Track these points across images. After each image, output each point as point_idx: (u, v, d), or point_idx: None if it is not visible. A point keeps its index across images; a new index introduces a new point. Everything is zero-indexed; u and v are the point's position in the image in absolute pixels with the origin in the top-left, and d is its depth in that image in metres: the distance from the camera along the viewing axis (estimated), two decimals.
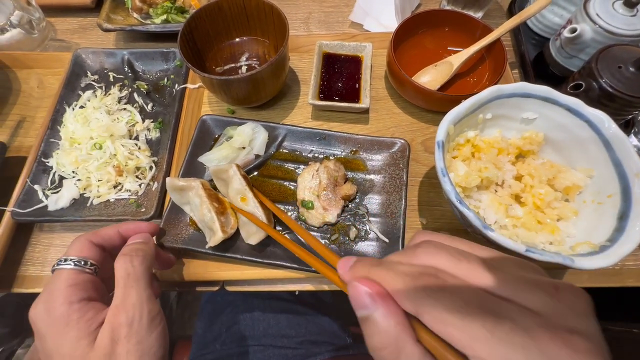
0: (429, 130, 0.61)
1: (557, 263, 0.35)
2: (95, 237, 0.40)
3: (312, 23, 0.77)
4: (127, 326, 0.33)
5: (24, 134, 0.62)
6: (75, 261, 0.36)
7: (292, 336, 0.70)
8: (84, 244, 0.38)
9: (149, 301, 0.35)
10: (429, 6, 0.78)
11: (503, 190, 0.47)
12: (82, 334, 0.33)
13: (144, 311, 0.34)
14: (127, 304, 0.34)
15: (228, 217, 0.49)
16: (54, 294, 0.34)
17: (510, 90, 0.45)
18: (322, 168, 0.52)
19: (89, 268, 0.37)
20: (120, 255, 0.38)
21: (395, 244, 0.47)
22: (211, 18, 0.58)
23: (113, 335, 0.33)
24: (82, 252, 0.37)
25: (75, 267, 0.36)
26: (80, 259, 0.37)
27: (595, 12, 0.54)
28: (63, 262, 0.36)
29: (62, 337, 0.32)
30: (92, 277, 0.37)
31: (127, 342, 0.32)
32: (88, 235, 0.39)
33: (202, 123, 0.57)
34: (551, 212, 0.43)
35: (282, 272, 0.49)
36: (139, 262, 0.37)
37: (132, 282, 0.35)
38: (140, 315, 0.34)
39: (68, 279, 0.35)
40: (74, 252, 0.37)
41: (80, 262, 0.37)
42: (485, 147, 0.48)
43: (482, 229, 0.36)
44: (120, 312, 0.33)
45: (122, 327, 0.33)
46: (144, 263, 0.37)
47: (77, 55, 0.65)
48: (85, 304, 0.34)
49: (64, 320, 0.33)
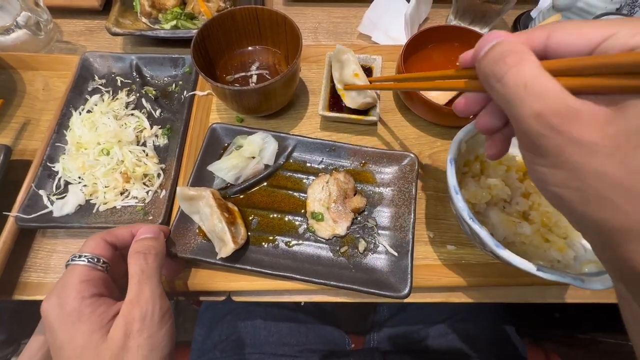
0: (435, 144, 0.62)
1: (567, 282, 0.35)
2: (110, 236, 0.41)
3: (321, 33, 0.78)
4: (140, 321, 0.34)
5: (28, 137, 0.61)
6: (89, 258, 0.38)
7: (292, 344, 0.70)
8: (98, 242, 0.40)
9: (160, 297, 0.37)
10: (436, 20, 0.80)
11: (511, 207, 0.48)
12: (94, 327, 0.34)
13: (156, 307, 0.36)
14: (141, 299, 0.36)
15: (238, 227, 0.49)
16: (67, 289, 0.35)
17: None
18: (332, 180, 0.52)
19: (102, 265, 0.38)
20: (134, 252, 0.39)
21: (404, 257, 0.48)
22: (224, 27, 0.58)
23: (126, 329, 0.34)
24: (95, 250, 0.39)
25: (88, 263, 0.38)
26: (94, 256, 0.38)
27: None
28: (77, 259, 0.38)
29: (74, 330, 0.34)
30: (104, 275, 0.39)
31: (139, 336, 0.34)
32: (102, 234, 0.41)
33: (211, 131, 0.57)
34: (558, 231, 0.44)
35: (290, 284, 0.49)
36: (152, 259, 0.39)
37: (145, 278, 0.37)
38: (153, 311, 0.35)
39: (81, 274, 0.36)
40: (88, 250, 0.39)
41: (93, 259, 0.38)
42: (494, 164, 0.49)
43: (495, 248, 0.37)
44: (135, 307, 0.35)
45: (135, 321, 0.34)
46: (156, 260, 0.39)
47: (84, 58, 0.64)
48: (97, 299, 0.36)
49: (76, 314, 0.34)
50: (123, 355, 0.33)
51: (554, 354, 0.77)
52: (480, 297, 0.52)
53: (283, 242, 0.51)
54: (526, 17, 0.77)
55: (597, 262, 0.39)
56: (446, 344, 0.68)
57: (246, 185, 0.54)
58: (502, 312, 0.73)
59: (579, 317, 0.96)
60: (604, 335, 0.83)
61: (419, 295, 0.51)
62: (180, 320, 1.33)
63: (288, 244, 0.51)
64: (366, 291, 0.45)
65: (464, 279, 0.50)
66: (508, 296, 0.52)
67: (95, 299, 0.36)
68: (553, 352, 0.78)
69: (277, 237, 0.51)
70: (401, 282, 0.46)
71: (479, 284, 0.50)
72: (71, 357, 0.33)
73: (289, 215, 0.53)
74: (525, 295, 0.52)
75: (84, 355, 0.33)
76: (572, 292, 0.52)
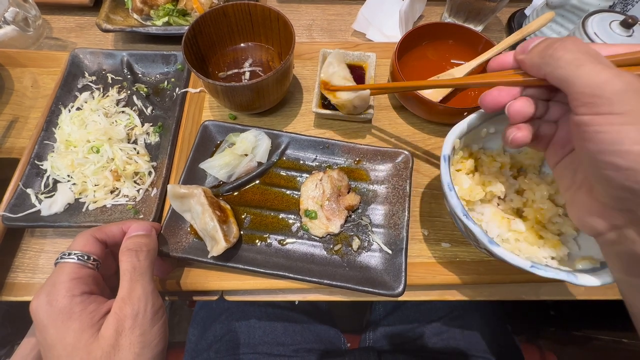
0: (430, 141, 0.61)
1: (560, 279, 0.35)
2: (100, 233, 0.40)
3: (315, 30, 0.77)
4: (132, 318, 0.34)
5: (16, 135, 0.60)
6: (79, 255, 0.37)
7: (287, 344, 0.69)
8: (88, 239, 0.39)
9: (153, 294, 0.37)
10: (430, 17, 0.79)
11: (505, 204, 0.48)
12: (84, 325, 0.33)
13: (149, 304, 0.36)
14: (133, 296, 0.35)
15: (230, 225, 0.48)
16: (57, 287, 0.35)
17: None
18: (325, 177, 0.52)
19: (92, 263, 0.38)
20: (126, 250, 0.39)
21: (398, 255, 0.47)
22: (216, 23, 0.58)
23: (118, 327, 0.34)
24: (85, 247, 0.38)
25: (78, 261, 0.37)
26: (84, 254, 0.37)
27: (593, 31, 0.55)
28: (67, 256, 0.37)
29: (65, 328, 0.33)
30: (94, 272, 0.38)
31: (131, 334, 0.34)
32: (92, 231, 0.40)
33: (204, 129, 0.56)
34: (552, 227, 0.44)
35: (283, 283, 0.49)
36: (144, 256, 0.39)
37: (137, 275, 0.37)
38: (145, 308, 0.35)
39: (71, 272, 0.36)
40: (78, 247, 0.38)
41: (83, 256, 0.37)
42: (488, 160, 0.48)
43: (488, 245, 0.37)
44: (127, 305, 0.35)
45: (127, 318, 0.34)
46: (148, 257, 0.39)
47: (74, 55, 0.63)
48: (87, 297, 0.35)
49: (66, 312, 0.33)
50: (115, 353, 0.33)
51: (549, 351, 0.77)
52: (474, 295, 0.52)
53: (276, 241, 0.50)
54: (520, 15, 0.77)
55: (591, 258, 0.39)
56: (442, 342, 0.68)
57: (239, 183, 0.54)
58: (497, 310, 0.73)
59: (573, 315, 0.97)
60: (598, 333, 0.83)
61: (414, 293, 0.51)
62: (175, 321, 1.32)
63: (281, 242, 0.50)
64: (360, 289, 0.45)
65: (459, 276, 0.50)
66: (502, 293, 0.52)
67: (85, 297, 0.35)
68: (548, 349, 0.78)
69: (270, 236, 0.50)
70: (395, 280, 0.45)
71: (473, 281, 0.50)
72: (62, 356, 0.33)
73: (282, 214, 0.52)
74: (519, 292, 0.52)
75: (74, 353, 0.32)
76: (566, 289, 0.52)
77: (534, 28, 0.58)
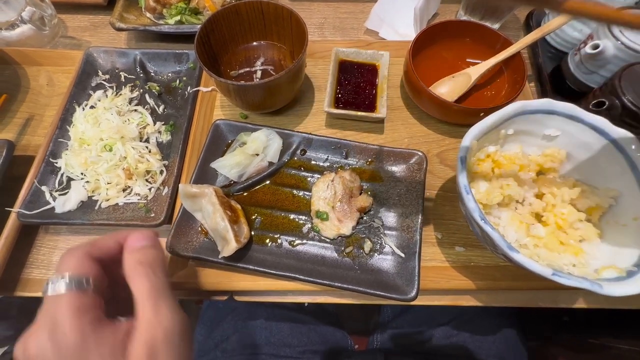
0: (444, 142, 0.60)
1: (584, 288, 0.34)
2: (94, 249, 0.35)
3: (327, 29, 0.76)
4: (164, 342, 0.31)
5: (31, 133, 0.61)
6: (75, 282, 0.31)
7: (294, 345, 0.69)
8: (82, 260, 0.33)
9: (179, 311, 0.33)
10: (445, 15, 0.78)
11: (523, 207, 0.46)
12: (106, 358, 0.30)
13: (177, 322, 0.32)
14: (161, 318, 0.32)
15: (241, 225, 0.48)
16: (60, 323, 0.30)
17: (535, 107, 0.44)
18: (337, 178, 0.51)
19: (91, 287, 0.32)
20: (137, 264, 0.34)
21: (411, 259, 0.46)
22: (228, 21, 0.57)
23: (150, 352, 0.30)
24: (81, 269, 0.32)
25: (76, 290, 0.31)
26: (81, 279, 0.32)
27: (618, 29, 0.53)
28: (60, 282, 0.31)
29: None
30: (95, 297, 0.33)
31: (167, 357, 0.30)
32: (85, 248, 0.34)
33: (215, 128, 0.56)
34: (574, 233, 0.42)
35: (293, 284, 0.48)
36: (159, 270, 0.34)
37: (159, 294, 0.33)
38: (173, 327, 0.32)
39: (71, 304, 0.30)
40: (72, 269, 0.32)
41: (82, 282, 0.32)
42: (506, 163, 0.47)
43: (507, 251, 0.35)
44: (156, 327, 0.31)
45: (159, 342, 0.30)
46: (164, 271, 0.35)
47: (88, 53, 0.63)
48: (96, 327, 0.31)
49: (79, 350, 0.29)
50: None
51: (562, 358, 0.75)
52: (489, 301, 0.50)
53: (287, 242, 0.50)
54: (539, 12, 0.74)
55: (615, 267, 0.38)
56: (450, 346, 0.67)
57: (250, 183, 0.53)
58: (508, 315, 0.71)
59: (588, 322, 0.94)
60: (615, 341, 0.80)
61: (426, 298, 0.50)
62: None
63: (292, 243, 0.50)
64: (372, 293, 0.44)
65: (473, 281, 0.48)
66: (518, 300, 0.51)
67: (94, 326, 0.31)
68: (560, 356, 0.76)
69: (281, 237, 0.50)
70: (408, 284, 0.44)
71: (488, 287, 0.49)
72: None
73: (293, 214, 0.52)
74: (536, 299, 0.51)
75: None
76: (586, 296, 0.50)
77: (555, 26, 0.56)
